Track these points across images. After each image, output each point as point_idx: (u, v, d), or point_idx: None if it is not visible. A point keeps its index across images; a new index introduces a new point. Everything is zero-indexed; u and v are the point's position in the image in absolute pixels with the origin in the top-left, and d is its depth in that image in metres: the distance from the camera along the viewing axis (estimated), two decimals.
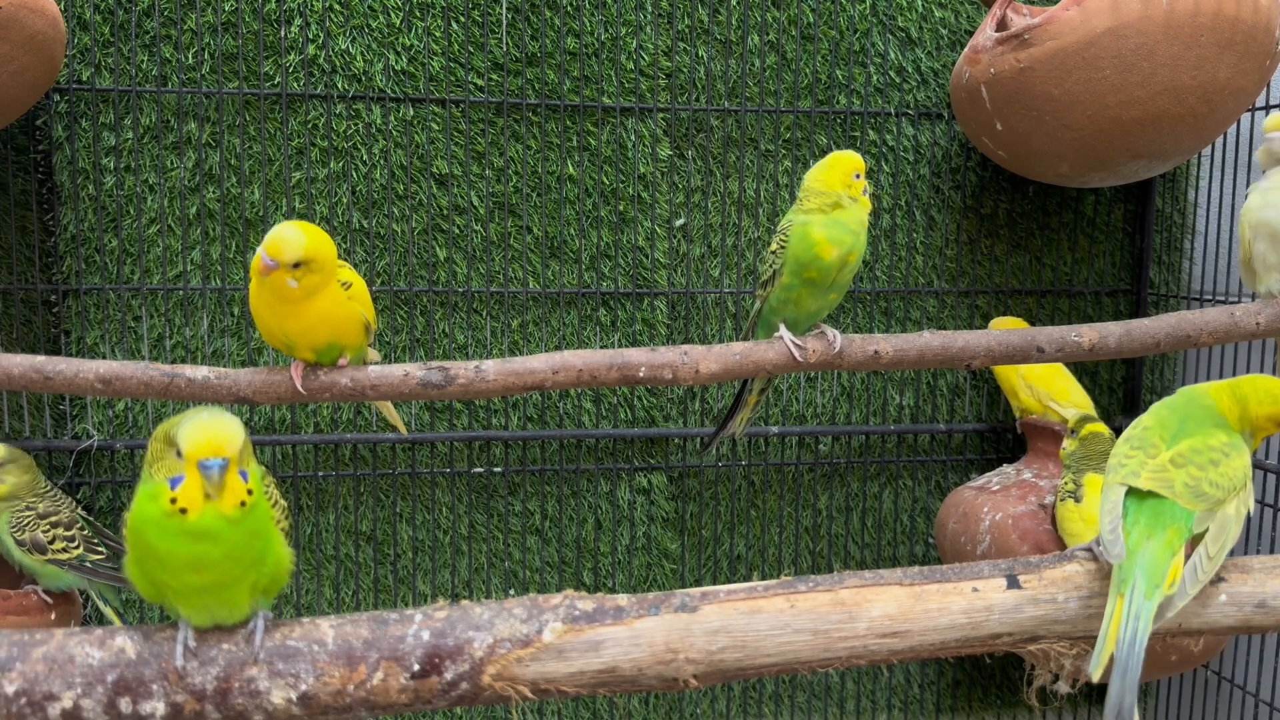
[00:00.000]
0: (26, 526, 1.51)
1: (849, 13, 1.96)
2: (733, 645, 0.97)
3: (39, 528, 1.52)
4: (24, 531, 1.51)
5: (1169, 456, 1.05)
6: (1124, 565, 0.98)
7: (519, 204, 1.90)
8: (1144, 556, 0.98)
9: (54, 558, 1.52)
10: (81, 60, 1.76)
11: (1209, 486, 1.02)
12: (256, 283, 1.29)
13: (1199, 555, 1.00)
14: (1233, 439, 1.07)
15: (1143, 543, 0.99)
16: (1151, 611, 0.95)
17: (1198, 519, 1.01)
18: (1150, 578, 0.97)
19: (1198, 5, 1.56)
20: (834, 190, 1.39)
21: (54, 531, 1.53)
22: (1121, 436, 1.11)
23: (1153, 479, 1.03)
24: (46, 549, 1.52)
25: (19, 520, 1.51)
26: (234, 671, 0.90)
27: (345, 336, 1.35)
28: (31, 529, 1.51)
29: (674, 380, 1.48)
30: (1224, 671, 1.99)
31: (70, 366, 1.40)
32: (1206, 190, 2.10)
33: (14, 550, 1.52)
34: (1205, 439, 1.06)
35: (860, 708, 2.11)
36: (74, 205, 1.78)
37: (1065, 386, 1.92)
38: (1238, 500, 1.03)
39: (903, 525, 2.10)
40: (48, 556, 1.52)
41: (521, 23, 1.87)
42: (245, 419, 1.87)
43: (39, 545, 1.51)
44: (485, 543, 1.96)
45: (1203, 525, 1.01)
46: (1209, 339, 1.51)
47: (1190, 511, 1.01)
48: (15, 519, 1.51)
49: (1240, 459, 1.05)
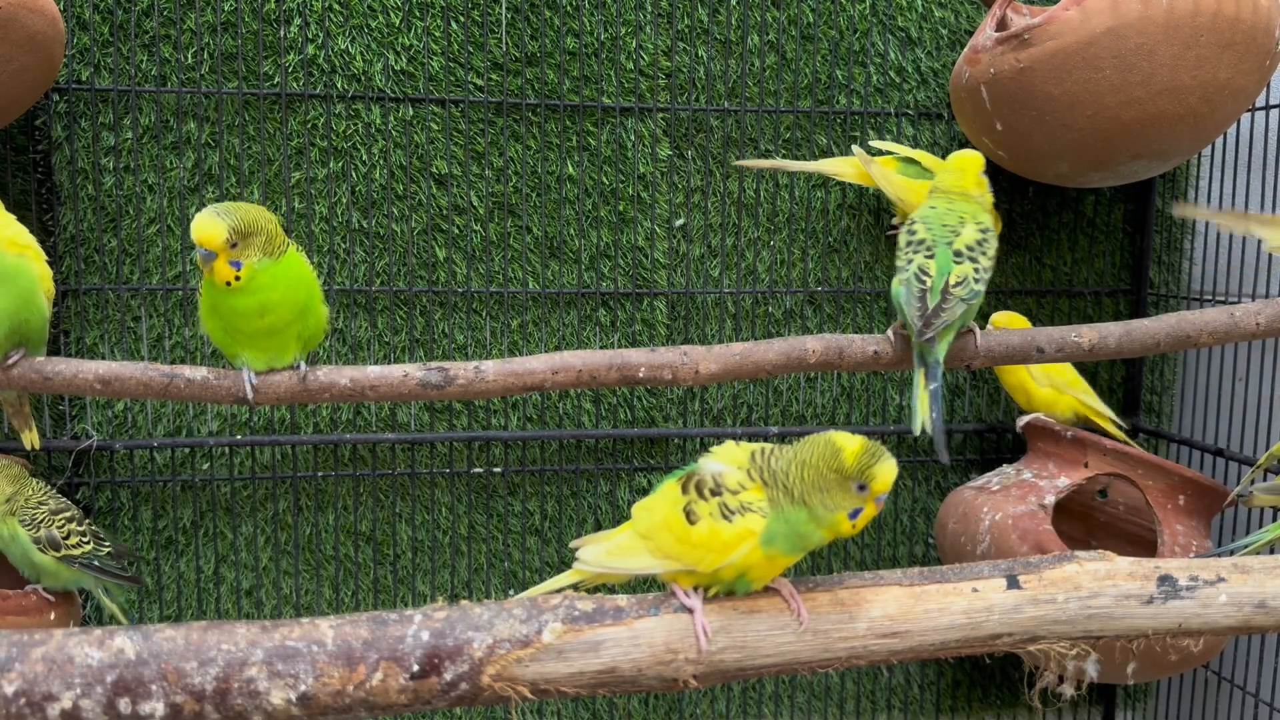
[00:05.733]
0: (42, 524, 1.52)
1: (849, 13, 1.96)
2: (732, 645, 0.97)
3: (54, 524, 1.52)
4: (39, 529, 1.51)
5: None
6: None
7: (519, 204, 1.90)
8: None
9: (67, 554, 1.53)
10: (81, 60, 1.76)
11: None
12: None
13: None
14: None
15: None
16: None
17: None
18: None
19: (1198, 5, 1.56)
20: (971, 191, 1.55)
21: (68, 527, 1.53)
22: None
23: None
24: (61, 545, 1.52)
25: (33, 518, 1.52)
26: (233, 671, 0.90)
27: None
28: (47, 525, 1.52)
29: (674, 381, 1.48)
30: (1224, 671, 1.99)
31: (69, 367, 1.40)
32: (1206, 190, 2.10)
33: (31, 551, 1.52)
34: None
35: (860, 708, 2.11)
36: (73, 205, 1.78)
37: (1074, 376, 1.93)
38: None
39: (903, 525, 2.10)
40: (61, 553, 1.52)
41: (521, 23, 1.87)
42: (245, 419, 1.87)
43: (54, 542, 1.52)
44: (485, 543, 1.96)
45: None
46: (1209, 339, 1.51)
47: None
48: (29, 517, 1.52)
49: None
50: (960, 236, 1.47)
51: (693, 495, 0.97)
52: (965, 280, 1.43)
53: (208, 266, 1.29)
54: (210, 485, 1.87)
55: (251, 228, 1.28)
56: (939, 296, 1.43)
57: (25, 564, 1.55)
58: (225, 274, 1.29)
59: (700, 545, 0.95)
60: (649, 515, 1.01)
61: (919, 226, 1.51)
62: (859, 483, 0.93)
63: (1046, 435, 1.89)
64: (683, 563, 0.97)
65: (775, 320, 2.00)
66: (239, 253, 1.28)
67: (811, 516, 0.94)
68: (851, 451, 0.93)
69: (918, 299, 1.43)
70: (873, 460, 0.93)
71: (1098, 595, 1.02)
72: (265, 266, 1.30)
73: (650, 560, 1.00)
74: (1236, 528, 2.02)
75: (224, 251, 1.27)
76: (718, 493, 0.96)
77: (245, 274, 1.29)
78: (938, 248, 1.47)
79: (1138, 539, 1.95)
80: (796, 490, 0.94)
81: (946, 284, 1.43)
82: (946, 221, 1.50)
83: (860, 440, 0.94)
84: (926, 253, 1.47)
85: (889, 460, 0.94)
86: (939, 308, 1.42)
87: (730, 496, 0.95)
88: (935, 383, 1.46)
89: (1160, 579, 1.03)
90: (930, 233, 1.49)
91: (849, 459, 0.93)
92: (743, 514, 0.94)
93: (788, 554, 0.95)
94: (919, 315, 1.43)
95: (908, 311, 1.44)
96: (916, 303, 1.43)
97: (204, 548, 1.88)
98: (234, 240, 1.27)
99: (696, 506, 0.96)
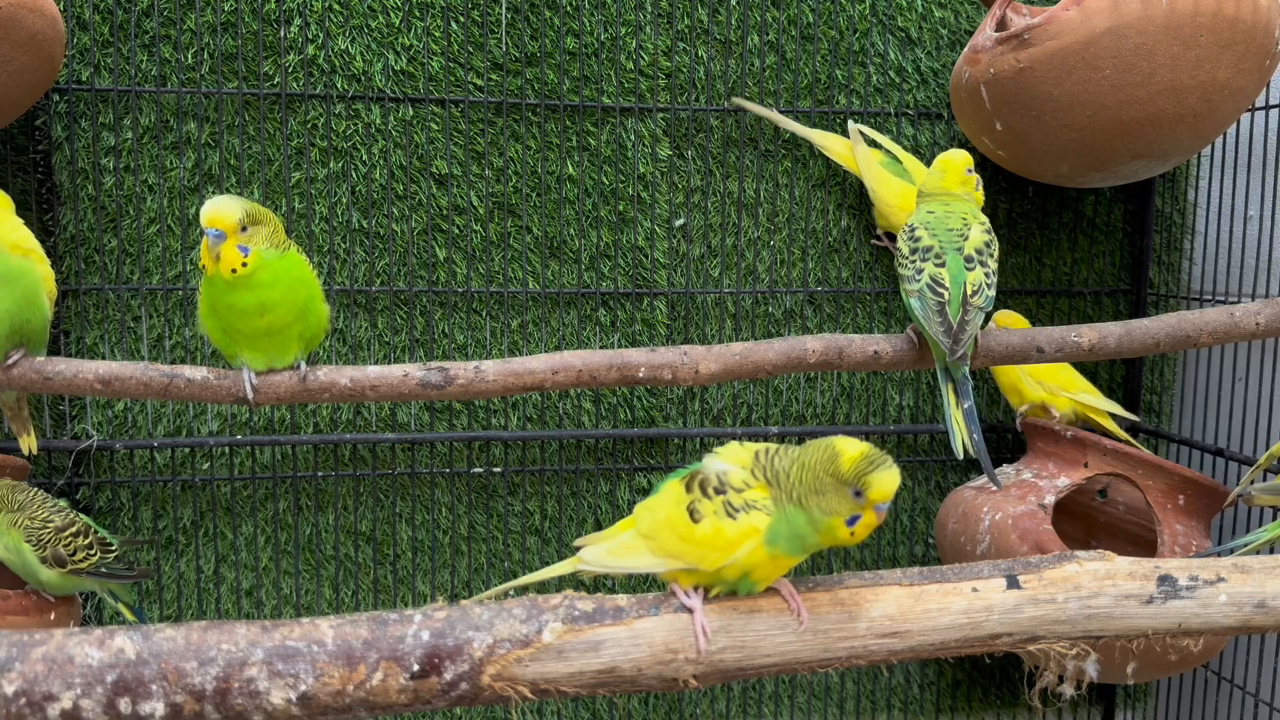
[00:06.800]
0: (48, 543, 1.51)
1: (849, 13, 1.96)
2: (732, 645, 0.97)
3: (59, 542, 1.52)
4: (45, 549, 1.51)
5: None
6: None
7: (519, 204, 1.90)
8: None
9: (74, 568, 1.52)
10: (81, 60, 1.76)
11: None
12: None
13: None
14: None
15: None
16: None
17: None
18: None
19: (1197, 5, 1.56)
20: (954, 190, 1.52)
21: (74, 543, 1.53)
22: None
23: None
24: (68, 562, 1.52)
25: (39, 538, 1.51)
26: (233, 671, 0.90)
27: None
28: (53, 545, 1.51)
29: (673, 380, 1.48)
30: (1224, 671, 1.99)
31: (69, 367, 1.40)
32: (1206, 190, 2.10)
33: (38, 570, 1.52)
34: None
35: (860, 708, 2.11)
36: (73, 205, 1.78)
37: (1071, 377, 1.93)
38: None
39: (902, 525, 2.10)
40: (68, 569, 1.52)
41: (521, 23, 1.87)
42: (245, 419, 1.87)
43: (60, 559, 1.51)
44: (485, 543, 1.96)
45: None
46: (1209, 339, 1.51)
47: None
48: (34, 536, 1.51)
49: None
50: (969, 240, 1.44)
51: (696, 494, 0.97)
52: (980, 288, 1.40)
53: (215, 251, 1.28)
54: (210, 485, 1.87)
55: (260, 217, 1.30)
56: (959, 309, 1.38)
57: (31, 578, 1.54)
58: (233, 259, 1.28)
59: (704, 543, 0.95)
60: (651, 515, 1.01)
61: (921, 232, 1.47)
62: (854, 488, 0.92)
63: (1046, 435, 1.89)
64: (686, 561, 0.97)
65: (775, 320, 2.00)
66: (248, 238, 1.28)
67: (809, 519, 0.94)
68: (849, 457, 0.92)
69: (937, 314, 1.38)
70: (870, 467, 0.92)
71: (1098, 595, 1.02)
72: (271, 258, 1.30)
73: (653, 559, 0.99)
74: (1236, 528, 2.02)
75: (234, 235, 1.27)
76: (722, 491, 0.96)
77: (253, 261, 1.28)
78: (947, 254, 1.42)
79: (1138, 539, 1.95)
80: (795, 491, 0.94)
81: (965, 296, 1.38)
82: (950, 225, 1.46)
83: (862, 447, 0.93)
84: (936, 260, 1.42)
85: (889, 469, 0.92)
86: (963, 322, 1.37)
87: (734, 495, 0.95)
88: (968, 400, 1.40)
89: (1160, 579, 1.03)
90: (935, 239, 1.45)
91: (845, 464, 0.92)
92: (747, 512, 0.94)
93: (790, 555, 0.95)
94: (945, 333, 1.38)
95: (930, 328, 1.39)
96: (938, 318, 1.38)
97: (204, 548, 1.88)
98: (245, 224, 1.27)
99: (700, 505, 0.96)
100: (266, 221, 1.31)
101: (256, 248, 1.29)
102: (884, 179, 1.91)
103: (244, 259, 1.28)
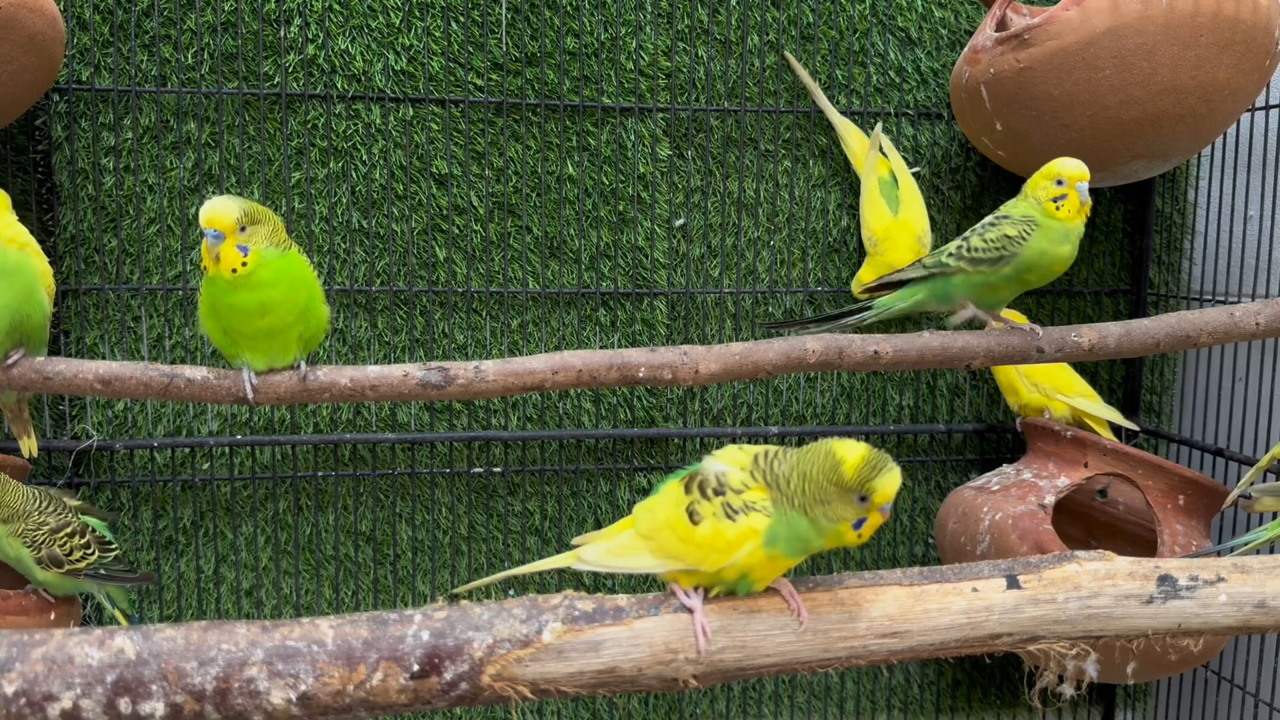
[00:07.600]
0: (43, 544, 1.51)
1: (849, 13, 1.96)
2: (732, 645, 0.97)
3: (55, 543, 1.51)
4: (40, 550, 1.51)
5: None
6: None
7: (519, 204, 1.90)
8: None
9: (71, 569, 1.52)
10: (81, 60, 1.76)
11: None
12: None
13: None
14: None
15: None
16: None
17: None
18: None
19: (1197, 5, 1.56)
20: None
21: (70, 543, 1.52)
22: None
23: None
24: (64, 562, 1.52)
25: (34, 539, 1.51)
26: (233, 671, 0.90)
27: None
28: (48, 545, 1.51)
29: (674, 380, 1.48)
30: (1224, 671, 1.99)
31: (69, 367, 1.40)
32: (1206, 190, 2.10)
33: (34, 570, 1.52)
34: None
35: (860, 708, 2.11)
36: (73, 205, 1.78)
37: (1069, 379, 1.92)
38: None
39: (902, 525, 2.10)
40: (65, 569, 1.52)
41: (521, 23, 1.87)
42: (245, 419, 1.87)
43: (56, 560, 1.51)
44: (485, 543, 1.96)
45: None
46: (1209, 339, 1.51)
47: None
48: (30, 538, 1.51)
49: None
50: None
51: (696, 495, 0.97)
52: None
53: (214, 252, 1.27)
54: (210, 485, 1.87)
55: (259, 216, 1.29)
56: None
57: (31, 578, 1.55)
58: (232, 259, 1.27)
59: (703, 545, 0.95)
60: (651, 515, 1.01)
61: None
62: (860, 495, 0.92)
63: (1046, 435, 1.89)
64: (685, 562, 0.97)
65: (775, 320, 2.00)
66: (247, 237, 1.27)
67: (813, 526, 0.94)
68: (852, 465, 0.92)
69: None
70: (874, 472, 0.92)
71: (1098, 595, 1.02)
72: (272, 257, 1.29)
73: (652, 560, 0.99)
74: (1236, 528, 2.02)
75: (233, 235, 1.26)
76: (721, 492, 0.96)
77: (252, 260, 1.28)
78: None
79: (1138, 539, 1.95)
80: (798, 500, 0.93)
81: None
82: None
83: (861, 451, 0.93)
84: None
85: (891, 471, 0.92)
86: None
87: (734, 496, 0.95)
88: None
89: (1160, 579, 1.03)
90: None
91: (849, 472, 0.92)
92: (746, 513, 0.94)
93: (790, 556, 0.95)
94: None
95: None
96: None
97: (204, 548, 1.88)
98: (244, 224, 1.27)
99: (700, 506, 0.96)
100: (266, 221, 1.30)
101: (256, 247, 1.28)
102: (872, 198, 1.92)
103: (243, 259, 1.27)
